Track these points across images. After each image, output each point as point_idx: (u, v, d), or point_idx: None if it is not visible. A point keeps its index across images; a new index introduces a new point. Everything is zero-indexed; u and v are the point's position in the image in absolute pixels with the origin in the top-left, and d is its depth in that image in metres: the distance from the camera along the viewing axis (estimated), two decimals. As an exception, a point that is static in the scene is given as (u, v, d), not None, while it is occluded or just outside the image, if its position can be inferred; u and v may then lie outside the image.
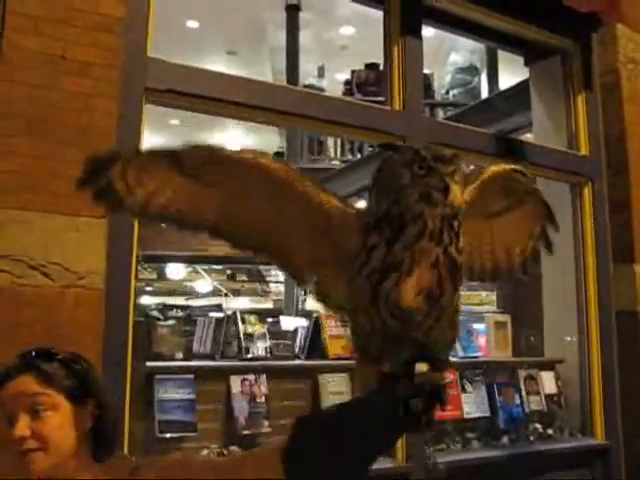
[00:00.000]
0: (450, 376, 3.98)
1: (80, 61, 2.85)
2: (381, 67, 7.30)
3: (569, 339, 4.55)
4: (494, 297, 11.70)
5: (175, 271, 14.64)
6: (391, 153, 1.28)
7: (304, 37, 10.24)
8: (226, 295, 15.75)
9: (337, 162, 10.28)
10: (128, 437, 2.81)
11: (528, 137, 5.53)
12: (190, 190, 1.38)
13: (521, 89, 5.58)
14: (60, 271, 2.68)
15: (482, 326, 4.82)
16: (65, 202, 2.72)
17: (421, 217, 1.20)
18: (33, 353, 1.59)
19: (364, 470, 1.40)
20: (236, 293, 16.43)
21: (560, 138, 4.76)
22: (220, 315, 4.87)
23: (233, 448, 3.25)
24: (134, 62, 3.03)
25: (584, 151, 4.66)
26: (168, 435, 3.10)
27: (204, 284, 15.71)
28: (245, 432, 3.32)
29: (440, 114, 9.79)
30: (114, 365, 2.78)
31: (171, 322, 4.68)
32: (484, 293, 17.45)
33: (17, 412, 1.51)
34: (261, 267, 14.34)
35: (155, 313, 3.99)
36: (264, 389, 3.42)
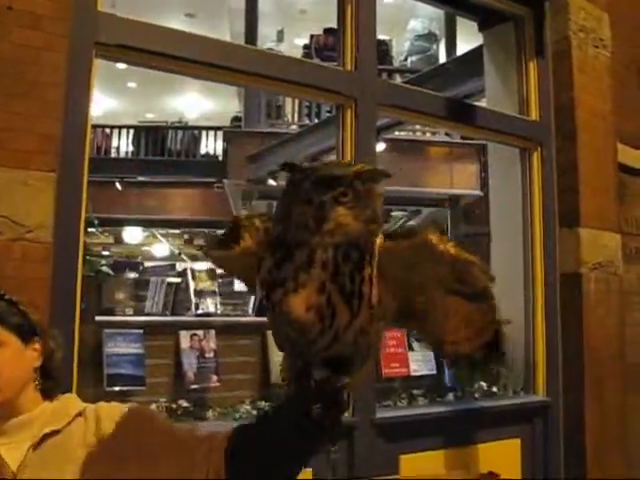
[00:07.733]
0: (397, 334, 4.06)
1: (28, 12, 2.82)
2: (339, 31, 7.27)
3: (515, 301, 4.64)
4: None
5: (132, 235, 14.56)
6: (295, 173, 1.18)
7: (263, 1, 10.17)
8: (183, 260, 15.68)
9: (295, 127, 10.28)
10: (77, 390, 2.83)
11: (482, 103, 5.59)
12: None
13: (476, 55, 5.62)
14: (8, 224, 2.67)
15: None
16: (14, 155, 2.71)
17: (308, 245, 1.14)
18: None
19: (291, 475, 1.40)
20: (194, 258, 16.37)
21: (511, 103, 4.83)
22: (174, 280, 4.90)
23: (181, 402, 3.29)
24: (84, 16, 3.00)
25: (534, 116, 4.73)
26: (117, 388, 3.14)
27: (161, 248, 15.64)
28: (193, 386, 3.37)
29: (398, 81, 9.82)
30: (62, 319, 2.79)
31: (124, 283, 4.68)
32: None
33: None
34: (219, 231, 14.29)
35: (105, 269, 3.99)
36: (213, 344, 3.46)
